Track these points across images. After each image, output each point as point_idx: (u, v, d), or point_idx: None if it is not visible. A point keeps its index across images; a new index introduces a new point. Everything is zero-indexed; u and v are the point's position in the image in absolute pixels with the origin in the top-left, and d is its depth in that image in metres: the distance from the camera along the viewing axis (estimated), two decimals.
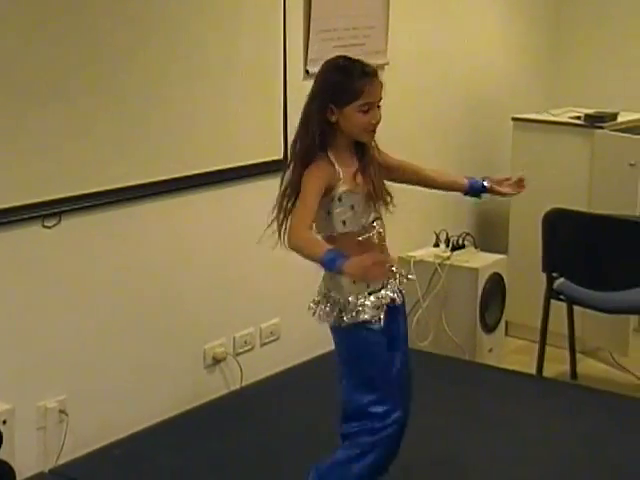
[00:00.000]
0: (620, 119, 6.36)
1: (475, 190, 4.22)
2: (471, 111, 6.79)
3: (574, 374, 5.94)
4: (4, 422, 4.03)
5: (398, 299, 3.80)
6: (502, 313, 6.25)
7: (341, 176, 3.60)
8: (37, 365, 4.47)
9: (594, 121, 6.22)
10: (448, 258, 6.14)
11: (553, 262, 5.60)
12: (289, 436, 4.81)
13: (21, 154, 4.28)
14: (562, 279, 5.63)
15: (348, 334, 3.69)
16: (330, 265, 3.43)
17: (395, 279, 3.86)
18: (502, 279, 6.22)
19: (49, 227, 4.41)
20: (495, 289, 6.16)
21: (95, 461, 4.61)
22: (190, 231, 4.98)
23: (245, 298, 5.29)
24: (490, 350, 6.13)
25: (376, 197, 3.77)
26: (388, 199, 3.88)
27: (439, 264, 6.09)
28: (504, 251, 6.49)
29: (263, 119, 5.27)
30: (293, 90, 5.34)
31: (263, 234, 3.64)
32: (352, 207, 3.66)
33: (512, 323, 6.42)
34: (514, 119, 6.55)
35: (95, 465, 4.58)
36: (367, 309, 3.64)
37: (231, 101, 4.97)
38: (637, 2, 7.04)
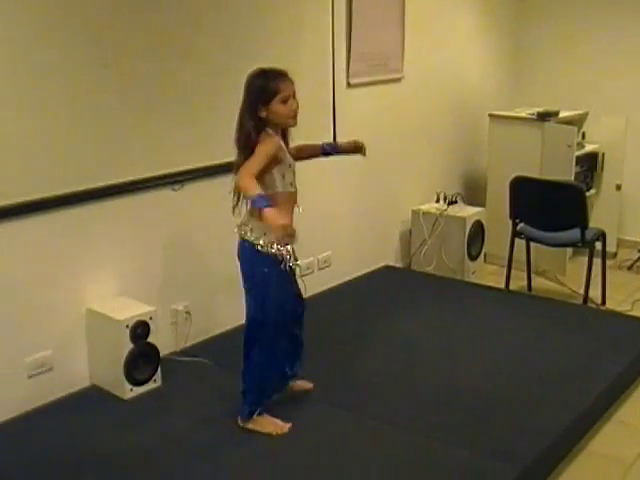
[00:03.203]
0: (561, 115, 6.37)
1: (325, 153, 3.94)
2: (458, 109, 6.74)
3: (529, 288, 5.95)
4: (151, 318, 4.08)
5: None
6: (482, 247, 6.24)
7: (280, 151, 3.47)
8: (170, 282, 4.54)
9: (544, 116, 6.23)
10: (445, 210, 6.11)
11: (516, 212, 5.61)
12: (343, 321, 4.87)
13: (154, 139, 4.29)
14: (522, 224, 5.65)
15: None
16: (258, 203, 3.27)
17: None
18: (482, 224, 6.19)
19: (175, 190, 4.45)
20: (477, 231, 6.15)
21: (209, 345, 4.67)
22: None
23: (306, 239, 5.18)
24: (473, 272, 6.14)
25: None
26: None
27: (439, 214, 6.07)
28: (483, 205, 6.46)
29: (318, 117, 5.16)
30: (339, 96, 5.38)
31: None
32: (283, 175, 3.51)
33: (489, 254, 6.38)
34: (490, 115, 6.52)
35: (209, 347, 4.62)
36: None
37: None
38: (577, 30, 6.99)
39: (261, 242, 3.53)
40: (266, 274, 3.57)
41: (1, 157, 3.68)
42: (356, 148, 4.00)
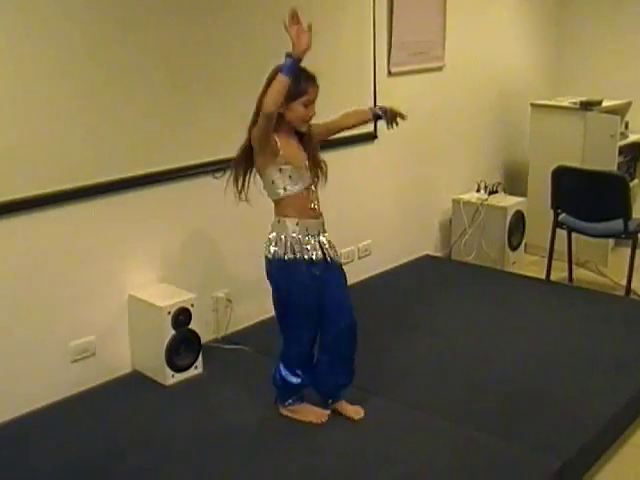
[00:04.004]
0: (604, 104, 6.29)
1: (376, 118, 3.81)
2: (501, 98, 6.71)
3: (570, 278, 5.90)
4: (192, 305, 4.10)
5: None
6: (523, 237, 6.21)
7: (279, 148, 3.34)
8: (211, 270, 4.57)
9: (586, 106, 6.16)
10: (486, 200, 6.10)
11: (558, 202, 5.56)
12: (381, 310, 4.82)
13: (197, 129, 4.32)
14: (564, 214, 5.61)
15: None
16: (291, 66, 3.16)
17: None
18: (523, 214, 6.17)
19: (217, 177, 4.33)
20: (518, 221, 6.13)
21: (249, 332, 4.68)
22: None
23: (346, 228, 5.19)
24: (514, 263, 6.11)
25: (313, 166, 3.48)
26: (322, 169, 3.54)
27: (480, 204, 6.06)
28: (524, 194, 6.41)
29: (359, 105, 4.92)
30: (380, 84, 5.36)
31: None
32: (290, 177, 3.39)
33: (529, 244, 6.33)
34: (532, 104, 6.46)
35: (249, 334, 4.65)
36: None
37: (337, 92, 4.63)
38: (620, 18, 6.93)
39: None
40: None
41: (46, 145, 3.72)
42: (397, 114, 3.80)
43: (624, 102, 6.66)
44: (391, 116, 3.76)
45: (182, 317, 4.08)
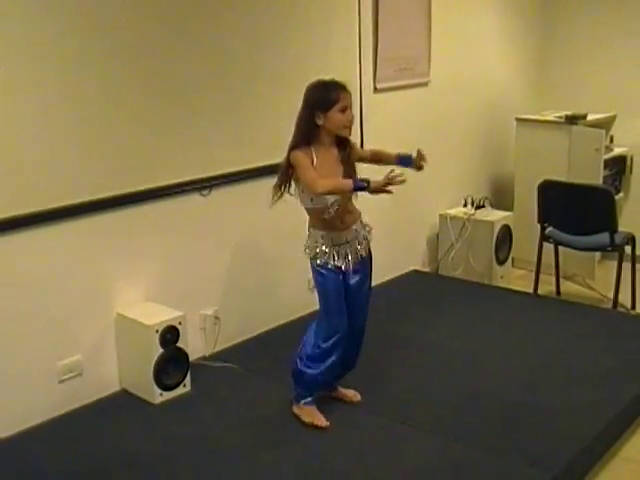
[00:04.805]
0: (589, 118, 6.28)
1: (401, 164, 3.83)
2: (485, 113, 6.71)
3: (558, 292, 5.91)
4: (179, 323, 4.07)
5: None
6: (510, 251, 6.20)
7: (315, 166, 3.55)
8: (199, 287, 4.54)
9: (571, 120, 6.17)
10: (473, 214, 6.09)
11: (544, 216, 5.56)
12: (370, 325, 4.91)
13: (184, 147, 4.32)
14: (551, 228, 5.60)
15: None
16: (359, 187, 3.50)
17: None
18: (510, 229, 6.16)
19: (204, 195, 4.46)
20: (505, 235, 6.11)
21: (238, 350, 4.66)
22: None
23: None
24: (502, 277, 6.10)
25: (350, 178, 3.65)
26: None
27: (467, 219, 6.05)
28: (511, 209, 6.42)
29: None
30: (366, 100, 5.36)
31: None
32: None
33: (517, 258, 6.34)
34: (517, 119, 6.48)
35: (238, 352, 4.62)
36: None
37: None
38: (604, 32, 6.91)
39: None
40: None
41: (30, 165, 3.71)
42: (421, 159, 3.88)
43: (609, 116, 6.66)
44: (417, 160, 3.84)
45: (170, 335, 4.06)
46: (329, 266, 3.70)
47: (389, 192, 3.58)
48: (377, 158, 3.91)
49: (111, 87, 3.96)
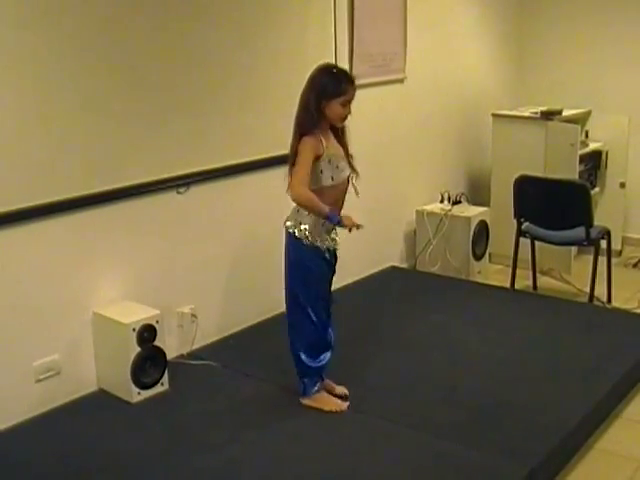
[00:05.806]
0: (564, 114, 6.34)
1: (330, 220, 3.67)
2: (461, 109, 6.74)
3: (535, 287, 5.94)
4: (157, 322, 4.07)
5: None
6: (487, 247, 6.22)
7: (324, 146, 3.60)
8: (176, 285, 4.52)
9: (547, 115, 6.23)
10: (450, 210, 6.09)
11: (521, 211, 5.60)
12: (348, 322, 4.90)
13: (161, 144, 4.29)
14: (527, 223, 5.64)
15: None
16: (332, 219, 3.57)
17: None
18: (486, 224, 6.18)
19: (181, 193, 4.45)
20: (482, 231, 6.13)
21: (216, 347, 4.66)
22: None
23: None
24: (479, 272, 6.12)
25: (347, 157, 3.76)
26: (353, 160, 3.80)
27: (444, 214, 6.06)
28: (488, 204, 6.44)
29: None
30: None
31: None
32: (337, 167, 3.67)
33: (494, 253, 6.37)
34: (493, 114, 6.51)
35: (216, 349, 4.62)
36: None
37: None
38: (580, 30, 6.99)
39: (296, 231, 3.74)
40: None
41: (5, 163, 3.67)
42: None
43: (584, 111, 6.72)
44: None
45: (147, 334, 4.04)
46: (324, 251, 3.79)
47: (358, 228, 3.64)
48: None
49: (83, 83, 3.92)
